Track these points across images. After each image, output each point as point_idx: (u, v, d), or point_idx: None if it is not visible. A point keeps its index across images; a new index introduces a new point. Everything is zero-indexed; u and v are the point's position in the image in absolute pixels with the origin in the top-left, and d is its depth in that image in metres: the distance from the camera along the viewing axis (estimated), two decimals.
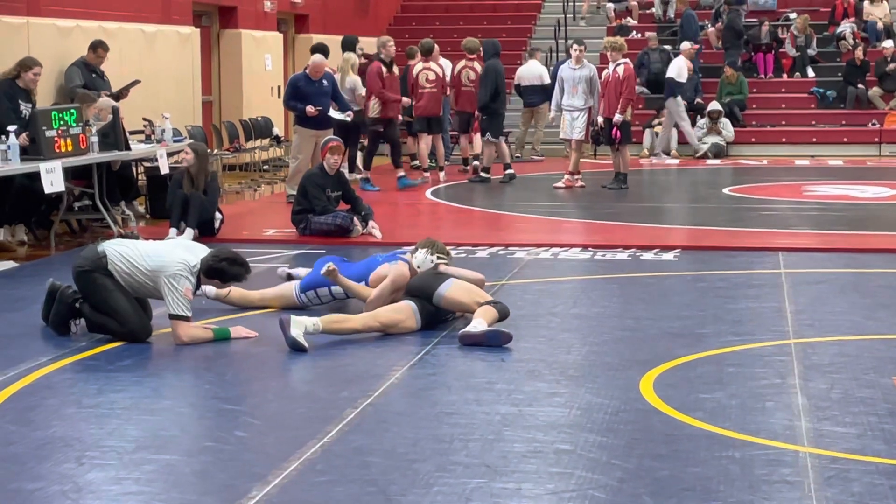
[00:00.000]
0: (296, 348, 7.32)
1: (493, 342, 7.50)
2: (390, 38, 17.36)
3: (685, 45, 21.71)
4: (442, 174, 17.59)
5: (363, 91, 16.76)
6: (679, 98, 20.84)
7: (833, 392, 6.46)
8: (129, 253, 7.72)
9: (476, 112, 17.80)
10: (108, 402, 6.34)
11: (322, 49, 16.22)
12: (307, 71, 15.05)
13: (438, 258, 8.31)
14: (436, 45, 18.03)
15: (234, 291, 8.58)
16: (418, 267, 8.30)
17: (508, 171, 17.62)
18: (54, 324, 7.93)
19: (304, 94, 14.81)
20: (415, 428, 5.81)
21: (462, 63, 18.10)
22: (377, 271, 8.48)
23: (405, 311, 7.89)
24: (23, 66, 12.43)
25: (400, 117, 17.18)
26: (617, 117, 16.03)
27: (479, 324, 7.57)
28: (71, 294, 7.88)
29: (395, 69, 16.92)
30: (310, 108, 14.60)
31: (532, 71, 20.41)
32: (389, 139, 16.73)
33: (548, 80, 19.73)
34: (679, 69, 20.84)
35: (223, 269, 7.67)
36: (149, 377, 6.97)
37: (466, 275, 8.35)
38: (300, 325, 7.37)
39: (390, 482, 5.02)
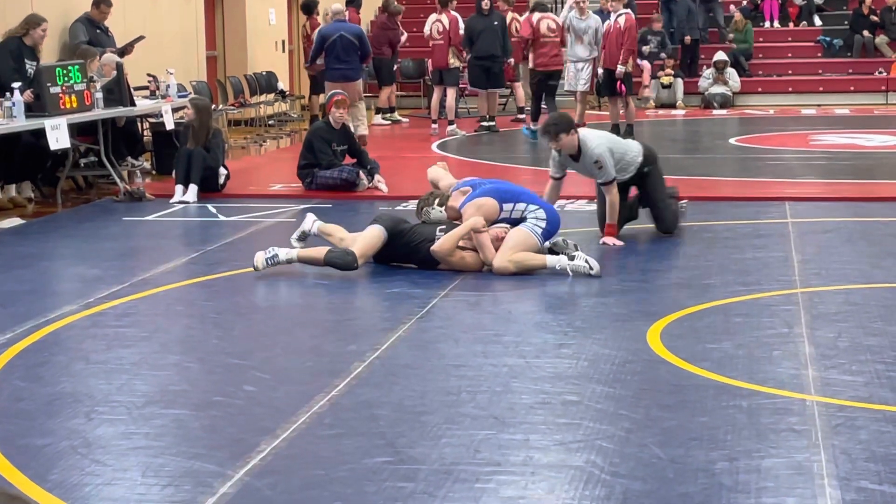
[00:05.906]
0: None
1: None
2: None
3: None
4: (451, 127, 17.49)
5: None
6: None
7: (840, 340, 6.46)
8: None
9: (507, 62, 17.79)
10: (116, 357, 6.37)
11: (314, 4, 16.15)
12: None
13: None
14: None
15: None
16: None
17: (491, 123, 17.76)
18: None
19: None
20: (422, 380, 5.83)
21: (433, 16, 17.93)
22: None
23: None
24: (30, 24, 12.33)
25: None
26: (620, 69, 15.92)
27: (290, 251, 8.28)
28: None
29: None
30: None
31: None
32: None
33: None
34: None
35: None
36: (157, 333, 6.99)
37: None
38: None
39: (398, 434, 5.04)
